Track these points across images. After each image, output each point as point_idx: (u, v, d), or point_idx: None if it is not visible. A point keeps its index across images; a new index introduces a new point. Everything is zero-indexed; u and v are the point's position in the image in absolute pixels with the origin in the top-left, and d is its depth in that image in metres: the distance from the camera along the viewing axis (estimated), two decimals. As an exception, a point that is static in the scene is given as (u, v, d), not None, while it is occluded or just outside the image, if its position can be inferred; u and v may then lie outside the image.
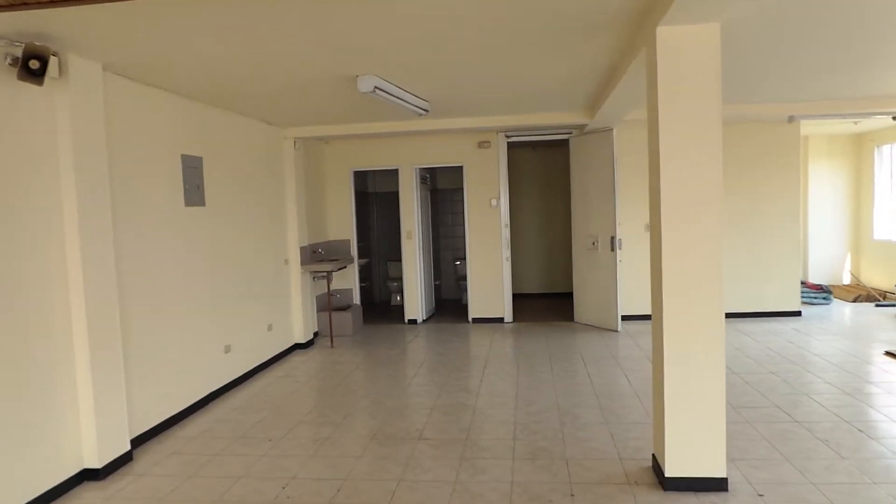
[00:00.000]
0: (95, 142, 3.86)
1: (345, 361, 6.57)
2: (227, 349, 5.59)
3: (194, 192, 5.14)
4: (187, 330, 4.98)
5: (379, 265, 10.79)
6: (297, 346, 7.20)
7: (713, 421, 3.34)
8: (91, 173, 3.80)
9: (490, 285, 8.41)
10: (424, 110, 5.65)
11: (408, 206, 8.49)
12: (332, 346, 7.27)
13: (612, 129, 7.37)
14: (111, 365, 3.93)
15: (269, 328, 6.51)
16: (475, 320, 8.46)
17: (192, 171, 5.13)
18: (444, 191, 10.55)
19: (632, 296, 7.89)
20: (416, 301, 8.55)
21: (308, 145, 7.71)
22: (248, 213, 6.12)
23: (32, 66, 3.27)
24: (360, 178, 8.91)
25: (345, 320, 7.86)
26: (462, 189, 10.43)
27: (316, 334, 7.78)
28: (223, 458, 4.07)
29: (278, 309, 6.78)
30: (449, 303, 10.30)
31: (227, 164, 5.73)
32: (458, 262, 10.52)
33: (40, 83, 3.31)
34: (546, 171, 10.39)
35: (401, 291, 10.11)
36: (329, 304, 7.42)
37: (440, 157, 8.39)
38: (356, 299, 8.66)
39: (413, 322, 8.55)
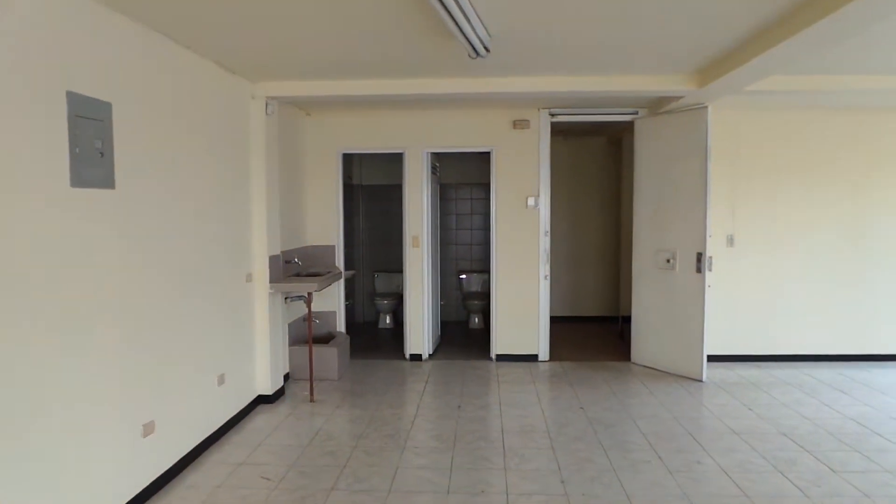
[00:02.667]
0: None
1: (334, 432, 4.38)
2: (149, 429, 3.36)
3: (92, 164, 2.91)
4: (71, 405, 2.75)
5: (363, 278, 8.60)
6: (261, 400, 4.98)
7: None
8: None
9: (521, 312, 6.34)
10: (485, 48, 3.54)
11: (415, 202, 6.35)
12: (311, 400, 5.07)
13: (706, 107, 5.39)
14: None
15: (221, 380, 4.28)
16: (500, 358, 6.37)
17: (90, 126, 2.90)
18: (445, 186, 8.43)
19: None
20: (421, 329, 6.41)
21: (283, 114, 5.50)
22: (192, 206, 3.90)
23: None
24: (344, 165, 6.70)
25: (328, 359, 5.67)
26: (471, 185, 8.43)
27: (287, 378, 5.57)
28: None
29: (235, 350, 4.56)
30: (452, 327, 8.18)
31: (157, 123, 3.50)
32: (463, 276, 8.42)
33: None
34: (578, 166, 8.37)
35: (391, 312, 8.01)
36: (310, 338, 5.22)
37: (461, 139, 6.27)
38: (341, 325, 6.46)
39: (417, 358, 6.41)
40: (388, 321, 8.18)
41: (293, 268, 5.66)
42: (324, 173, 6.32)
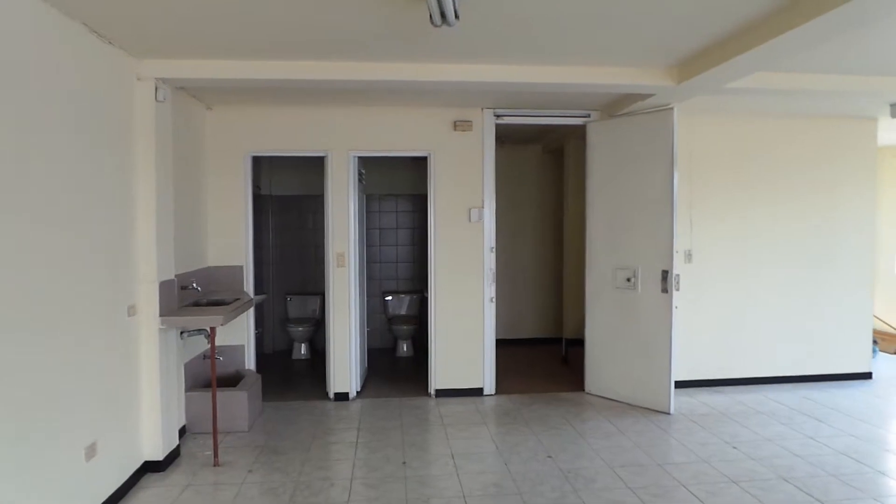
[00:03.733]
0: None
1: (250, 510, 3.38)
2: (-30, 546, 2.25)
3: None
4: None
5: (274, 301, 7.51)
6: (148, 468, 3.86)
7: None
8: None
9: (464, 339, 5.55)
10: (455, 14, 2.73)
11: (340, 215, 5.42)
12: (216, 464, 4.01)
13: (672, 108, 4.87)
14: None
15: (91, 452, 3.17)
16: (441, 393, 5.53)
17: None
18: (367, 197, 7.52)
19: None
20: (347, 363, 5.46)
21: (179, 106, 4.43)
22: (45, 216, 2.81)
23: None
24: (252, 172, 5.61)
25: (236, 406, 4.61)
26: (397, 196, 7.59)
27: (183, 432, 4.46)
28: None
29: (112, 407, 3.45)
30: (377, 355, 7.25)
31: (-11, 94, 2.43)
32: (389, 298, 7.54)
33: None
34: (512, 176, 7.72)
35: (307, 340, 7.00)
36: (213, 385, 4.15)
37: (394, 142, 5.43)
38: (250, 361, 5.39)
39: (343, 397, 5.45)
40: (303, 351, 7.14)
41: (191, 295, 4.57)
42: (229, 180, 5.27)
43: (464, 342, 5.53)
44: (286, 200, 7.49)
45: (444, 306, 5.51)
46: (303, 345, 7.14)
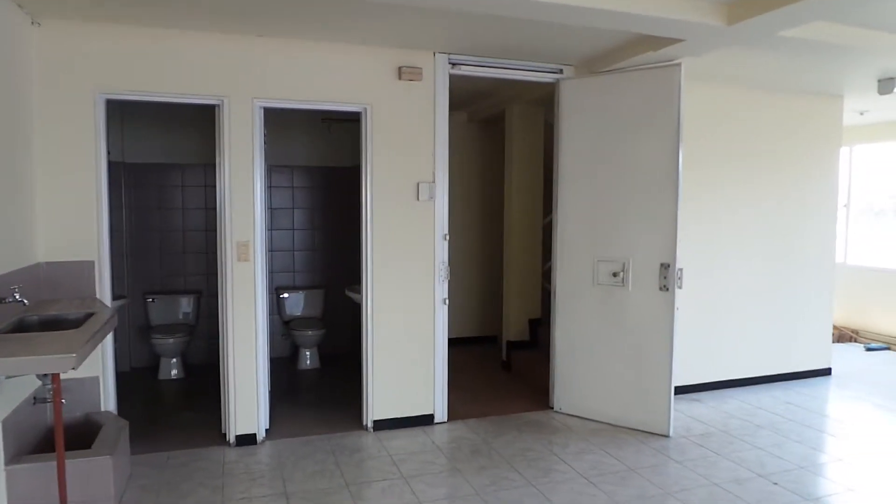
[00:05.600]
0: None
1: None
2: None
3: None
4: None
5: (130, 304, 5.67)
6: None
7: None
8: None
9: (409, 354, 4.29)
10: None
11: (241, 190, 3.89)
12: None
13: (678, 65, 3.93)
14: None
15: None
16: (381, 424, 4.23)
17: None
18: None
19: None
20: (252, 392, 3.99)
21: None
22: None
23: None
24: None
25: (94, 479, 3.00)
26: (293, 168, 6.06)
27: (3, 532, 2.80)
28: None
29: None
30: (273, 368, 5.69)
31: None
32: (285, 296, 6.04)
33: None
34: (462, 146, 6.46)
35: (178, 354, 5.36)
36: (60, 450, 2.53)
37: (318, 90, 3.97)
38: (108, 399, 3.72)
39: (248, 441, 3.96)
40: (174, 370, 5.43)
41: (11, 310, 2.88)
42: (70, 134, 3.52)
43: (409, 357, 4.28)
44: (144, 170, 5.67)
45: (383, 310, 4.20)
46: (172, 360, 5.43)
